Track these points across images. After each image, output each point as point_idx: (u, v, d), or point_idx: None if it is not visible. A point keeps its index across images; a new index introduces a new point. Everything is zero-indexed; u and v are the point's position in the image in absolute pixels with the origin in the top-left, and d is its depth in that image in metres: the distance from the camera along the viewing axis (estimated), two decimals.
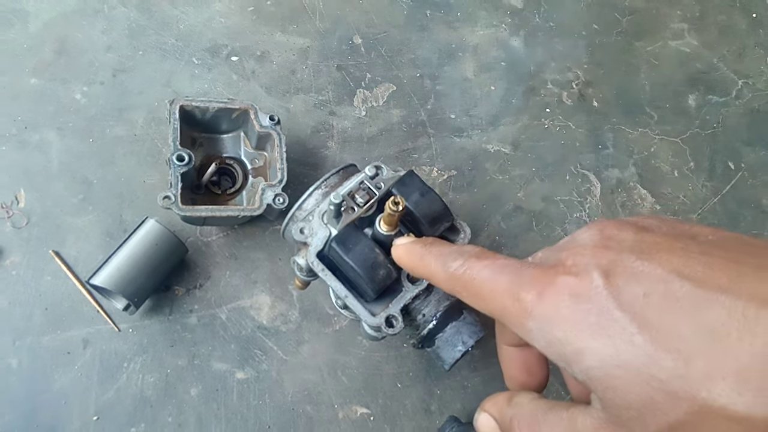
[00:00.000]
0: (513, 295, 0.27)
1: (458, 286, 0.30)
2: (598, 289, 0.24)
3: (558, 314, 0.25)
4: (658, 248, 0.24)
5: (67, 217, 0.75)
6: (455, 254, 0.31)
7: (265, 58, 0.90)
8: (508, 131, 0.91)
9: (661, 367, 0.21)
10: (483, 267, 0.29)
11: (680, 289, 0.22)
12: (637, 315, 0.22)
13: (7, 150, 0.78)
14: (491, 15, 1.00)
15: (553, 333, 0.25)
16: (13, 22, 0.85)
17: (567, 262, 0.26)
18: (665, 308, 0.22)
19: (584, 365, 0.23)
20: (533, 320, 0.25)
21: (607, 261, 0.24)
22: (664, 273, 0.23)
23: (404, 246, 0.35)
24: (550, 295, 0.25)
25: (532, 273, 0.27)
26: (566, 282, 0.25)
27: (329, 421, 0.71)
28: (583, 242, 0.27)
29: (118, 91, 0.83)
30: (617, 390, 0.22)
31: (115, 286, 0.65)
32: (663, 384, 0.21)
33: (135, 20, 0.89)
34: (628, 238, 0.25)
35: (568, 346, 0.24)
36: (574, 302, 0.24)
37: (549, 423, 0.27)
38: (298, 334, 0.74)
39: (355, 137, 0.87)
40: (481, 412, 0.32)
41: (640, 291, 0.23)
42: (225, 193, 0.76)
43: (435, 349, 0.60)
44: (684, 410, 0.21)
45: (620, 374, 0.22)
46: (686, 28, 1.04)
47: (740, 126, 0.97)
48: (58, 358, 0.69)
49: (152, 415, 0.68)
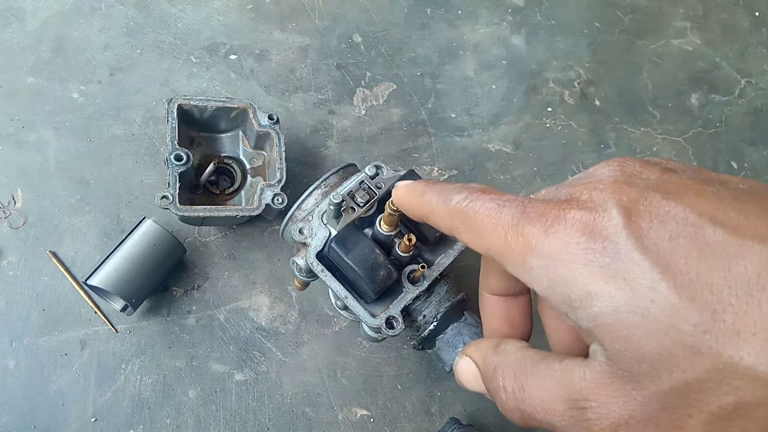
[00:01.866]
0: (516, 229, 0.24)
1: (458, 220, 0.27)
2: (617, 227, 0.21)
3: (567, 252, 0.22)
4: (687, 190, 0.21)
5: (64, 217, 0.75)
6: (459, 188, 0.28)
7: (263, 57, 0.89)
8: (510, 130, 0.90)
9: (684, 318, 0.19)
10: (487, 200, 0.26)
11: (712, 235, 0.19)
12: (661, 259, 0.20)
13: (4, 149, 0.77)
14: (492, 13, 0.99)
15: (558, 272, 0.22)
16: (10, 21, 0.84)
17: (581, 197, 0.23)
18: (694, 254, 0.19)
19: (593, 311, 0.21)
20: (536, 257, 0.23)
21: (628, 198, 0.22)
22: (693, 216, 0.20)
23: (406, 185, 0.32)
24: (559, 230, 0.22)
25: (540, 207, 0.23)
26: (579, 217, 0.22)
27: (329, 423, 0.70)
28: (600, 177, 0.24)
29: (116, 90, 0.83)
30: (630, 340, 0.20)
31: (113, 287, 0.65)
32: (684, 337, 0.19)
33: (133, 18, 0.88)
34: (653, 177, 0.23)
35: (575, 288, 0.21)
36: (587, 240, 0.21)
37: (538, 374, 0.24)
38: (297, 336, 0.73)
39: (354, 136, 0.86)
40: (462, 356, 0.30)
41: (665, 233, 0.20)
42: (223, 193, 0.75)
43: (436, 351, 0.59)
44: (705, 367, 0.19)
45: (636, 322, 0.20)
46: (689, 26, 1.04)
47: (743, 125, 0.96)
48: (56, 360, 0.68)
49: (150, 416, 0.68)
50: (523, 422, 0.25)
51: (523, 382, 0.25)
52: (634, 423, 0.20)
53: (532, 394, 0.24)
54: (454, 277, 0.61)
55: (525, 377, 0.25)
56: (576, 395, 0.22)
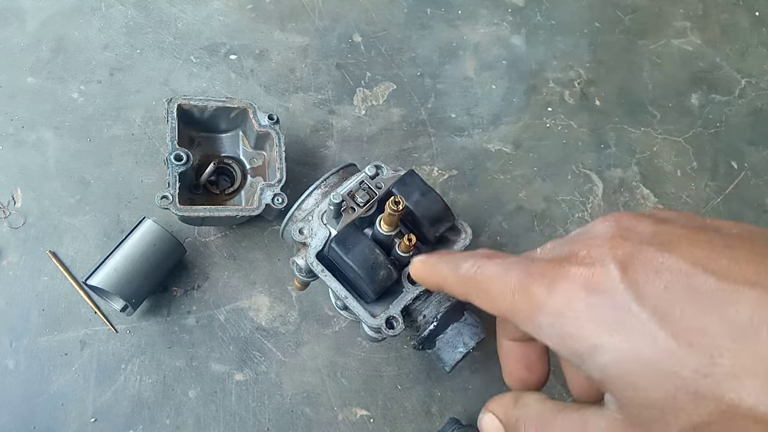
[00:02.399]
0: (522, 290, 0.25)
1: (469, 286, 0.29)
2: (615, 282, 0.22)
3: (571, 308, 0.23)
4: (680, 240, 0.23)
5: (64, 217, 0.75)
6: (466, 256, 0.30)
7: (264, 57, 0.89)
8: (510, 130, 0.90)
9: (684, 364, 0.20)
10: (493, 265, 0.28)
11: (704, 283, 0.20)
12: (658, 310, 0.21)
13: (4, 149, 0.77)
14: (492, 13, 0.99)
15: (565, 328, 0.23)
16: (10, 21, 0.84)
17: (580, 254, 0.24)
18: (688, 303, 0.20)
19: (600, 362, 0.22)
20: (544, 315, 0.24)
21: (624, 253, 0.23)
22: (686, 266, 0.21)
23: (420, 260, 0.35)
24: (562, 288, 0.24)
25: (543, 266, 0.25)
26: (580, 274, 0.23)
27: (328, 423, 0.70)
28: (597, 233, 0.25)
29: (116, 89, 0.83)
30: (636, 388, 0.21)
31: (113, 287, 0.64)
32: (686, 382, 0.20)
33: (132, 18, 0.88)
34: (647, 230, 0.24)
35: (582, 341, 0.23)
36: (588, 295, 0.23)
37: (558, 425, 0.26)
38: (297, 336, 0.73)
39: (354, 136, 0.86)
40: (485, 412, 0.31)
41: (660, 285, 0.21)
42: (223, 193, 0.75)
43: (436, 351, 0.59)
44: (709, 411, 0.19)
45: (640, 371, 0.21)
46: (689, 26, 1.04)
47: (743, 125, 0.96)
48: (56, 360, 0.68)
49: (150, 417, 0.68)
50: None
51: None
52: None
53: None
54: None
55: (546, 429, 0.26)
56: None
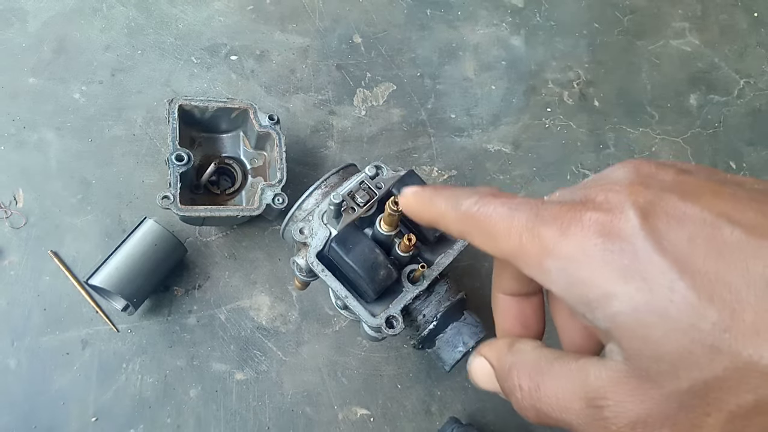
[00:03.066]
0: (532, 232, 0.24)
1: (470, 224, 0.27)
2: (635, 228, 0.21)
3: (584, 253, 0.22)
4: (704, 191, 0.22)
5: (65, 217, 0.75)
6: (469, 193, 0.28)
7: (264, 58, 0.90)
8: (509, 131, 0.91)
9: (703, 317, 0.19)
10: (499, 204, 0.26)
11: (730, 235, 0.20)
12: (680, 260, 0.20)
13: (6, 150, 0.77)
14: (492, 14, 1.00)
15: (576, 274, 0.22)
16: (12, 22, 0.85)
17: (597, 198, 0.23)
18: (712, 254, 0.20)
19: (611, 310, 0.21)
20: (553, 259, 0.23)
21: (645, 200, 0.22)
22: (711, 216, 0.20)
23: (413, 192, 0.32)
24: (576, 231, 0.22)
25: (555, 209, 0.24)
26: (596, 218, 0.22)
27: (329, 422, 0.70)
28: (616, 178, 0.24)
29: (117, 90, 0.83)
30: (649, 340, 0.20)
31: (114, 287, 0.65)
32: (704, 336, 0.19)
33: (134, 19, 0.88)
34: (669, 178, 0.23)
35: (593, 288, 0.21)
36: (604, 241, 0.22)
37: (554, 374, 0.24)
38: (297, 335, 0.74)
39: (355, 137, 0.87)
40: (476, 355, 0.30)
41: (683, 234, 0.20)
42: (224, 193, 0.76)
43: (435, 350, 0.59)
44: (724, 366, 0.19)
45: (654, 322, 0.20)
46: (687, 27, 1.04)
47: (742, 126, 0.96)
48: (57, 359, 0.69)
49: (151, 416, 0.68)
50: (538, 420, 0.25)
51: (539, 382, 0.25)
52: (651, 422, 0.21)
53: (548, 393, 0.24)
54: (453, 276, 0.61)
55: (541, 376, 0.25)
56: (592, 394, 0.22)
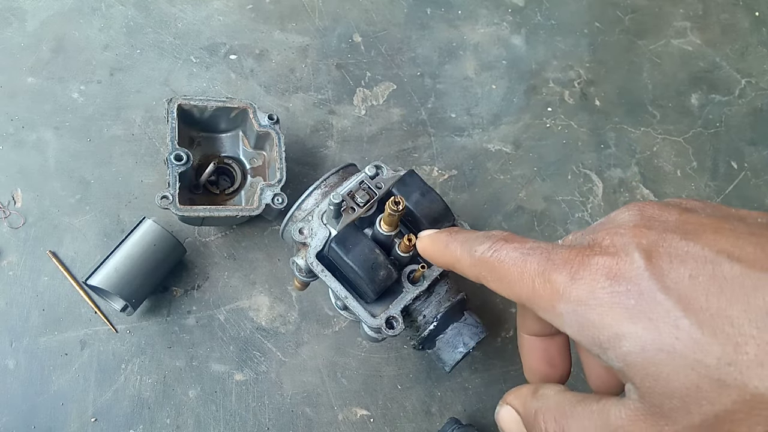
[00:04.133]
0: (543, 277, 0.25)
1: (485, 270, 0.28)
2: (639, 270, 0.22)
3: (593, 296, 0.23)
4: (705, 229, 0.22)
5: (64, 217, 0.75)
6: (482, 238, 0.29)
7: (263, 57, 0.89)
8: (510, 130, 0.90)
9: (708, 352, 0.20)
10: (512, 249, 0.27)
11: (730, 271, 0.20)
12: (683, 297, 0.21)
13: (4, 149, 0.77)
14: (492, 13, 0.99)
15: (587, 316, 0.23)
16: (10, 21, 0.84)
17: (604, 242, 0.24)
18: (713, 290, 0.20)
19: (622, 351, 0.22)
20: (565, 303, 0.24)
21: (648, 241, 0.23)
22: (711, 254, 0.21)
23: (429, 236, 0.33)
24: (585, 276, 0.23)
25: (565, 254, 0.25)
26: (603, 262, 0.23)
27: (329, 423, 0.70)
28: (621, 222, 0.25)
29: (116, 89, 0.83)
30: (659, 377, 0.21)
31: (113, 287, 0.65)
32: (710, 371, 0.19)
33: (133, 18, 0.88)
34: (672, 219, 0.24)
35: (604, 330, 0.22)
36: (611, 284, 0.22)
37: (578, 416, 0.25)
38: (297, 336, 0.73)
39: (354, 136, 0.86)
40: (503, 405, 0.30)
41: (685, 273, 0.21)
42: (223, 193, 0.75)
43: (436, 351, 0.59)
44: (732, 399, 0.19)
45: (663, 360, 0.21)
46: (689, 26, 1.04)
47: (743, 125, 0.96)
48: (56, 360, 0.68)
49: (150, 416, 0.68)
50: None
51: (564, 426, 0.26)
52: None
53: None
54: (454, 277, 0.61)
55: (565, 420, 0.26)
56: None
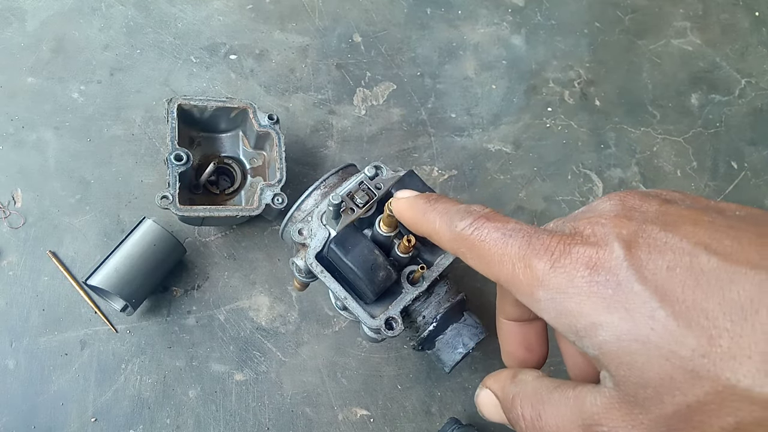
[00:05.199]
0: (524, 262, 0.25)
1: (464, 246, 0.28)
2: (618, 260, 0.22)
3: (572, 285, 0.23)
4: (684, 220, 0.23)
5: (64, 217, 0.75)
6: (463, 213, 0.29)
7: (263, 57, 0.89)
8: (510, 130, 0.90)
9: (682, 344, 0.20)
10: (493, 229, 0.27)
11: (707, 263, 0.21)
12: (659, 288, 0.21)
13: (4, 149, 0.77)
14: (492, 13, 0.99)
15: (565, 304, 0.23)
16: (10, 21, 0.84)
17: (585, 231, 0.24)
18: (690, 282, 0.21)
19: (598, 339, 0.22)
20: (544, 290, 0.24)
21: (628, 232, 0.23)
22: (689, 246, 0.21)
23: (407, 200, 0.33)
24: (565, 264, 0.24)
25: (546, 240, 0.25)
26: (583, 252, 0.23)
27: (329, 423, 0.70)
28: (602, 211, 0.25)
29: (116, 89, 0.83)
30: (633, 367, 0.21)
31: (113, 287, 0.65)
32: (684, 362, 0.20)
33: (133, 18, 0.88)
34: (652, 210, 0.24)
35: (581, 318, 0.23)
36: (590, 273, 0.23)
37: (554, 402, 0.25)
38: (297, 336, 0.74)
39: (354, 136, 0.86)
40: (482, 388, 0.31)
41: (663, 264, 0.21)
42: (223, 193, 0.75)
43: (435, 351, 0.59)
44: (705, 390, 0.20)
45: (638, 350, 0.21)
46: (689, 26, 1.03)
47: (743, 125, 0.96)
48: (56, 360, 0.68)
49: (150, 416, 0.68)
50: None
51: (540, 411, 0.26)
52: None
53: (549, 421, 0.25)
54: (453, 277, 0.61)
55: (542, 405, 0.26)
56: (589, 420, 0.23)
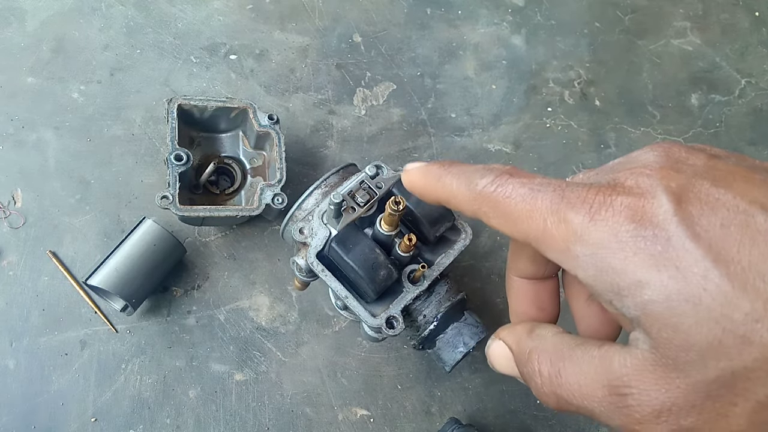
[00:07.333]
0: (557, 215, 0.23)
1: (486, 205, 0.26)
2: (668, 214, 0.21)
3: (616, 239, 0.21)
4: (735, 177, 0.21)
5: (64, 217, 0.75)
6: (483, 171, 0.27)
7: (264, 57, 0.89)
8: (510, 130, 0.90)
9: (736, 306, 0.19)
10: (519, 184, 0.25)
11: (763, 223, 0.19)
12: (713, 247, 0.20)
13: (4, 149, 0.77)
14: (492, 13, 0.99)
15: (607, 261, 0.21)
16: (10, 21, 0.84)
17: (627, 182, 0.22)
18: (746, 242, 0.19)
19: (642, 299, 0.21)
20: (582, 245, 0.22)
21: (677, 184, 0.21)
22: (744, 204, 0.20)
23: (418, 168, 0.30)
24: (607, 217, 0.22)
25: (583, 192, 0.23)
26: (627, 203, 0.21)
27: (329, 423, 0.70)
28: (646, 162, 0.23)
29: (116, 90, 0.83)
30: (679, 329, 0.20)
31: (113, 287, 0.64)
32: (735, 326, 0.19)
33: (133, 18, 0.88)
34: (700, 163, 0.22)
35: (625, 276, 0.21)
36: (636, 227, 0.21)
37: (576, 360, 0.24)
38: (297, 336, 0.73)
39: (354, 136, 0.86)
40: (495, 339, 0.29)
41: (716, 221, 0.20)
42: (223, 193, 0.75)
43: (436, 351, 0.59)
44: (753, 357, 0.19)
45: (687, 311, 0.20)
46: (689, 26, 1.04)
47: (743, 125, 0.96)
48: (56, 360, 0.68)
49: (150, 416, 0.68)
50: (558, 407, 0.25)
51: (560, 368, 0.24)
52: (676, 410, 0.20)
53: (569, 379, 0.24)
54: (454, 277, 0.61)
55: (562, 362, 0.24)
56: (616, 381, 0.22)
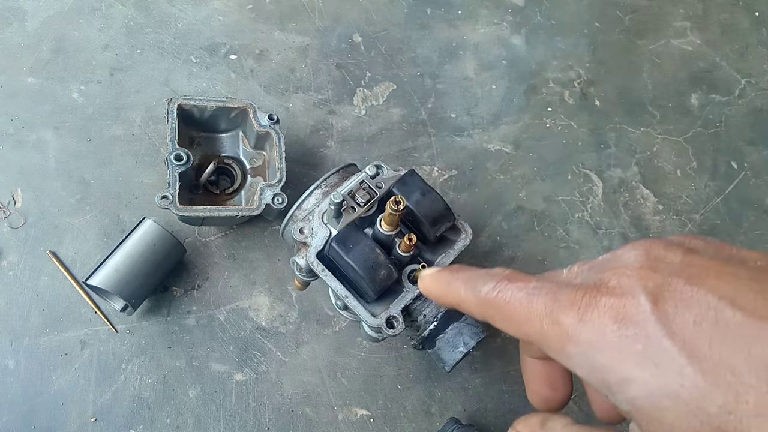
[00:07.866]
0: (551, 318, 0.25)
1: (491, 310, 0.29)
2: (646, 314, 0.23)
3: (602, 340, 0.23)
4: (708, 273, 0.23)
5: (64, 217, 0.75)
6: (485, 277, 0.30)
7: (263, 57, 0.89)
8: (510, 130, 0.90)
9: (710, 400, 0.20)
10: (516, 289, 0.28)
11: (732, 318, 0.21)
12: (687, 344, 0.21)
13: (4, 149, 0.77)
14: (492, 13, 0.99)
15: (596, 359, 0.24)
16: (10, 21, 0.84)
17: (610, 283, 0.25)
18: (716, 338, 0.21)
19: (630, 395, 0.23)
20: (574, 345, 0.24)
21: (654, 284, 0.23)
22: (714, 300, 0.22)
23: (431, 275, 0.34)
24: (593, 318, 0.24)
25: (572, 294, 0.25)
26: (611, 304, 0.24)
27: (329, 423, 0.70)
28: (627, 262, 0.25)
29: (116, 90, 0.83)
30: (663, 422, 0.22)
31: (113, 287, 0.64)
32: (711, 419, 0.20)
33: (133, 18, 0.88)
34: (676, 261, 0.24)
35: (613, 374, 0.23)
36: (619, 327, 0.23)
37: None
38: (297, 336, 0.73)
39: (354, 136, 0.86)
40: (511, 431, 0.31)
41: (690, 318, 0.22)
42: (223, 193, 0.75)
43: (436, 351, 0.59)
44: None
45: (668, 406, 0.21)
46: (689, 26, 1.04)
47: (743, 125, 0.96)
48: (56, 360, 0.68)
49: (150, 416, 0.68)
50: None
51: None
52: None
53: None
54: None
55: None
56: None
